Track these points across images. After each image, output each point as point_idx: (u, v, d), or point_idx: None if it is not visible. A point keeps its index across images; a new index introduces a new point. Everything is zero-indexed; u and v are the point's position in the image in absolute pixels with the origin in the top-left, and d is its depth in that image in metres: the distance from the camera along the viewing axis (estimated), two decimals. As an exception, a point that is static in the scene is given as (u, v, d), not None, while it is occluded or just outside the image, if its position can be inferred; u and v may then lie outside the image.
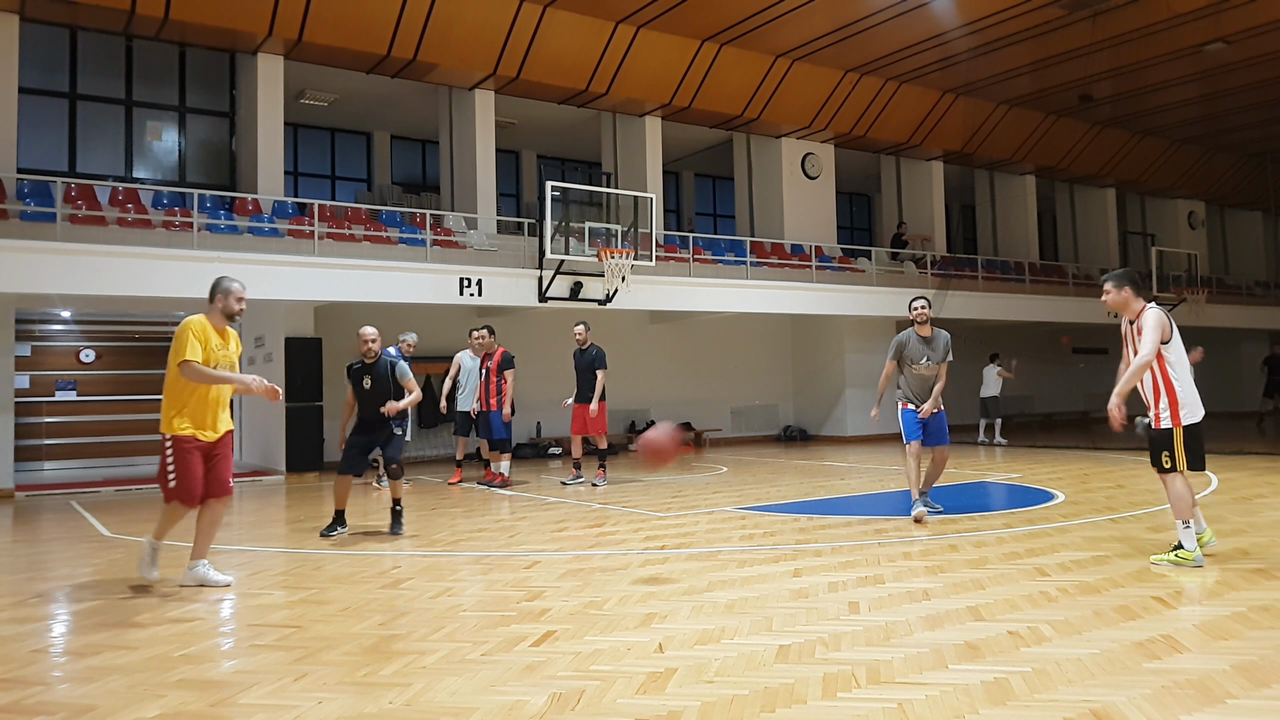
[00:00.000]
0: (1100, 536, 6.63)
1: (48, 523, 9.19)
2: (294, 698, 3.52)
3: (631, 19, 15.39)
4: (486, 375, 11.04)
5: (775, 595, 5.03)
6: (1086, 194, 25.12)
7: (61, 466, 14.96)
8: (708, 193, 23.62)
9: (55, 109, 14.23)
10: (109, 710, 3.42)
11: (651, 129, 17.70)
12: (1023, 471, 11.56)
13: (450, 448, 16.14)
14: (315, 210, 13.23)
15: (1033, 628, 4.22)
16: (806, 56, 17.27)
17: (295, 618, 4.81)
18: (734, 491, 10.20)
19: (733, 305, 16.43)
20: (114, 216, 12.31)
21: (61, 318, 15.90)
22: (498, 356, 11.01)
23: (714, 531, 7.36)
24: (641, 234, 14.52)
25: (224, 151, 15.33)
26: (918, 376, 7.98)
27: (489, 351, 11.12)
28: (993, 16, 15.59)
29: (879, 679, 3.57)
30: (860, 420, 19.05)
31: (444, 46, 14.63)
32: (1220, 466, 11.19)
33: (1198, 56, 17.70)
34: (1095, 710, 3.17)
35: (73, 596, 5.59)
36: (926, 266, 19.63)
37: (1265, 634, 4.04)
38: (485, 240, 15.07)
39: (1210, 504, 8.17)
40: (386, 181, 19.02)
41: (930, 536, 6.81)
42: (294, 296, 12.68)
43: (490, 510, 9.18)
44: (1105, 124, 22.04)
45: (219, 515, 5.78)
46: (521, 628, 4.47)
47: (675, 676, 3.66)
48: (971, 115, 20.15)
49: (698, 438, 18.43)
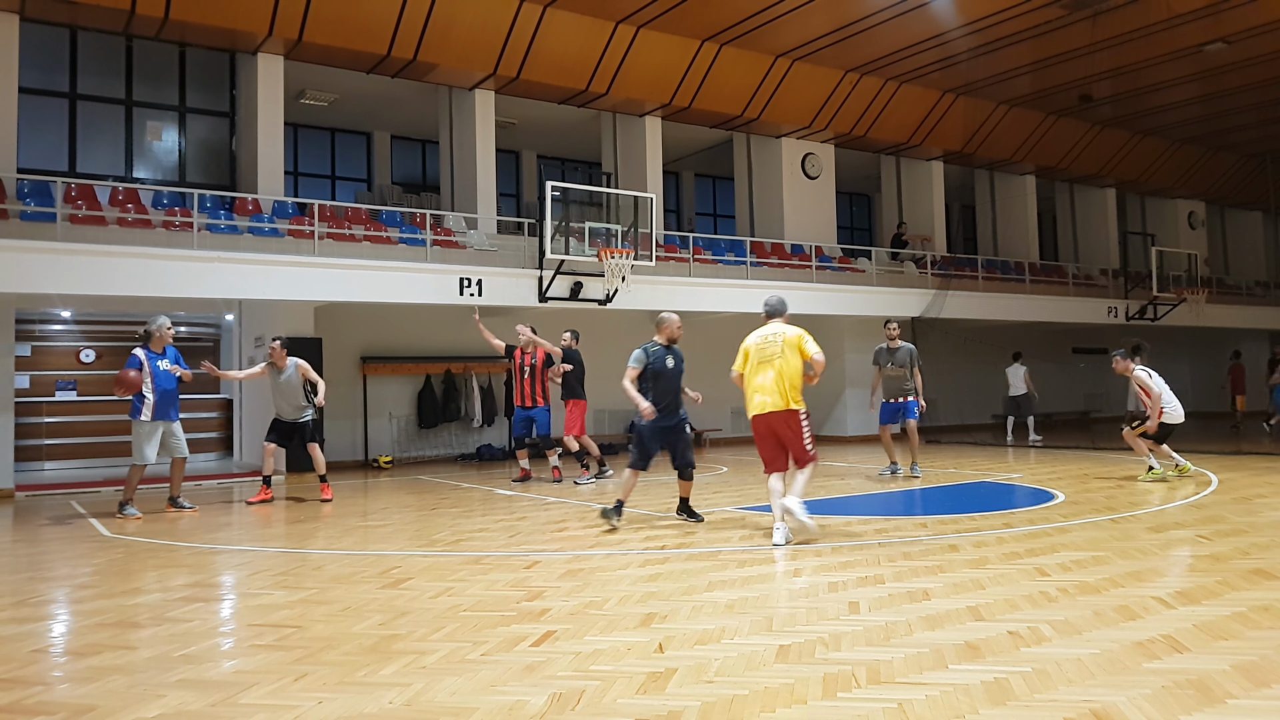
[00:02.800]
0: (1100, 536, 6.63)
1: (48, 523, 9.19)
2: (294, 698, 3.52)
3: (631, 19, 15.40)
4: (531, 373, 11.32)
5: (775, 595, 5.03)
6: (1086, 194, 25.11)
7: (61, 466, 14.95)
8: (708, 193, 23.62)
9: (55, 109, 14.23)
10: (109, 710, 3.42)
11: (651, 129, 17.70)
12: (1023, 471, 11.56)
13: (447, 448, 16.15)
14: (315, 210, 13.24)
15: (1033, 628, 4.22)
16: (806, 56, 17.27)
17: (295, 618, 4.81)
18: (734, 491, 10.20)
19: (733, 305, 16.43)
20: (114, 216, 12.31)
21: (61, 318, 15.90)
22: (540, 355, 11.34)
23: (714, 531, 7.36)
24: (641, 234, 14.53)
25: (224, 151, 15.33)
26: (888, 377, 11.15)
27: (524, 349, 11.42)
28: (993, 16, 15.59)
29: (879, 679, 3.57)
30: (860, 420, 19.05)
31: (444, 46, 14.63)
32: (1220, 466, 11.19)
33: (1198, 56, 17.70)
34: (1095, 710, 3.17)
35: (73, 596, 5.59)
36: (926, 266, 19.63)
37: (1265, 634, 4.04)
38: (485, 240, 15.07)
39: (1210, 504, 8.18)
40: (386, 181, 19.02)
41: (930, 536, 6.81)
42: (294, 296, 12.68)
43: (490, 510, 9.17)
44: (1105, 124, 22.04)
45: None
46: (521, 628, 4.47)
47: (675, 676, 3.66)
48: (971, 115, 20.15)
49: (698, 438, 18.43)
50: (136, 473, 9.28)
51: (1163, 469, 10.19)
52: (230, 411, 16.34)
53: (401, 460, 15.65)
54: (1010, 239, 23.45)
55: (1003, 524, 7.38)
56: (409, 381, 16.00)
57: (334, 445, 15.07)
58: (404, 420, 15.95)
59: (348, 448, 15.44)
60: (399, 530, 8.00)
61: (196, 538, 7.86)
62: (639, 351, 7.65)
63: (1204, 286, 22.26)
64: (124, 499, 9.34)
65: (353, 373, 15.49)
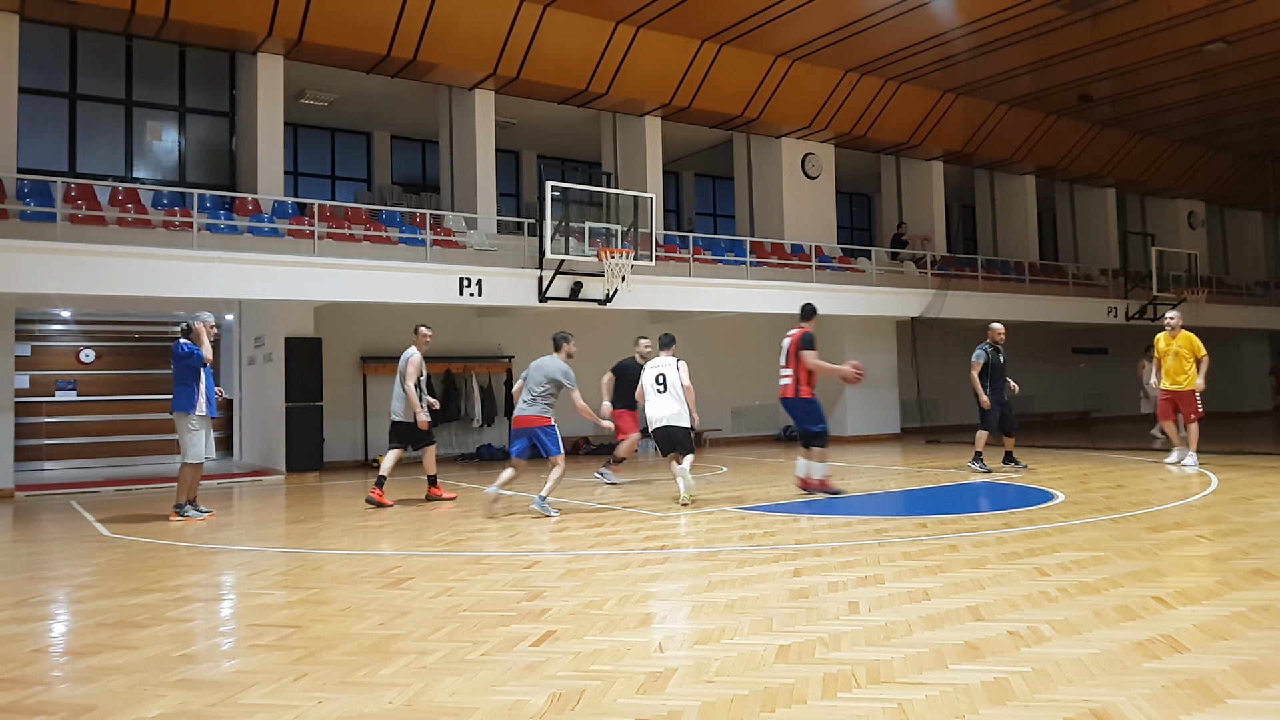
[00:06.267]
0: (1100, 536, 6.63)
1: (48, 523, 9.19)
2: (294, 698, 3.52)
3: (631, 19, 15.40)
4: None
5: (775, 595, 5.03)
6: (1086, 194, 25.12)
7: (61, 466, 14.97)
8: (708, 193, 23.62)
9: (55, 109, 14.23)
10: (109, 710, 3.42)
11: (651, 129, 17.70)
12: (1023, 471, 11.56)
13: (447, 448, 16.15)
14: (315, 210, 13.23)
15: (1033, 628, 4.22)
16: (806, 56, 17.27)
17: (295, 618, 4.81)
18: (734, 491, 10.20)
19: (733, 305, 16.43)
20: (114, 216, 12.31)
21: (61, 318, 15.91)
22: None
23: (714, 531, 7.36)
24: (641, 234, 14.52)
25: (224, 151, 15.33)
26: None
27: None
28: (993, 16, 15.59)
29: (879, 679, 3.57)
30: (860, 420, 19.06)
31: (444, 46, 14.63)
32: (1220, 466, 11.19)
33: (1198, 56, 17.70)
34: (1095, 710, 3.17)
35: (73, 596, 5.59)
36: (926, 266, 19.63)
37: (1265, 634, 4.04)
38: (485, 240, 15.07)
39: (1210, 504, 8.17)
40: (386, 181, 19.03)
41: (930, 536, 6.81)
42: (294, 296, 12.67)
43: (490, 510, 9.17)
44: (1105, 124, 22.05)
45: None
46: (521, 628, 4.47)
47: (675, 676, 3.66)
48: (971, 115, 20.16)
49: (698, 438, 18.43)
50: (195, 471, 8.97)
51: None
52: (230, 411, 16.35)
53: (401, 460, 15.63)
54: (1010, 239, 23.45)
55: (1002, 524, 7.38)
56: (409, 381, 15.99)
57: (334, 445, 15.08)
58: (404, 420, 15.94)
59: (348, 448, 15.44)
60: (399, 530, 7.99)
61: (196, 538, 7.86)
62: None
63: (1204, 286, 22.26)
64: (189, 498, 9.00)
65: (353, 373, 15.49)
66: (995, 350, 11.85)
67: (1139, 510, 7.92)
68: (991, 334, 11.94)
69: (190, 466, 8.95)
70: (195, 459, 8.90)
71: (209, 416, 8.98)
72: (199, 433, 8.88)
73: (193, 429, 8.84)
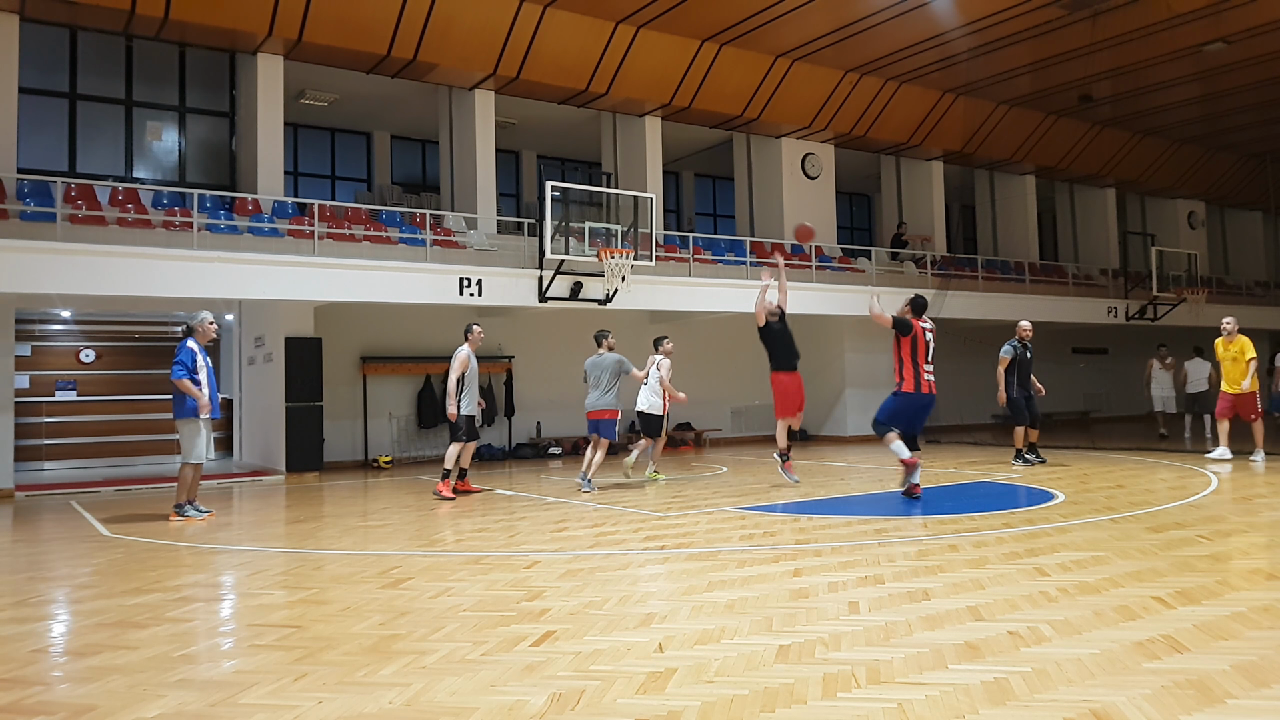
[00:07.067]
0: (1100, 536, 6.63)
1: (48, 523, 9.19)
2: (294, 698, 3.52)
3: (631, 19, 15.40)
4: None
5: (775, 595, 5.03)
6: (1086, 194, 25.12)
7: (61, 466, 14.97)
8: (708, 193, 23.62)
9: (55, 109, 14.23)
10: (109, 710, 3.42)
11: (651, 129, 17.70)
12: (1023, 471, 11.57)
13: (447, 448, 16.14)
14: (315, 210, 13.24)
15: (1033, 628, 4.21)
16: (806, 56, 17.27)
17: (295, 618, 4.81)
18: (734, 491, 10.21)
19: (733, 305, 16.43)
20: (114, 216, 12.31)
21: (61, 318, 15.91)
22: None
23: (714, 531, 7.36)
24: (641, 234, 14.52)
25: (224, 151, 15.33)
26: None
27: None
28: (993, 16, 15.59)
29: (879, 679, 3.57)
30: (860, 420, 19.04)
31: (444, 46, 14.63)
32: (1220, 466, 11.20)
33: (1198, 56, 17.71)
34: (1095, 710, 3.16)
35: (73, 596, 5.59)
36: (926, 266, 19.63)
37: (1265, 634, 4.04)
38: (485, 240, 15.08)
39: (1210, 504, 8.18)
40: (386, 181, 19.03)
41: (930, 536, 6.81)
42: (294, 296, 12.68)
43: (490, 510, 9.18)
44: (1105, 124, 22.05)
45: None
46: (521, 628, 4.47)
47: (675, 676, 3.66)
48: (971, 115, 20.16)
49: (698, 438, 18.44)
50: (195, 471, 8.97)
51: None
52: (230, 411, 16.35)
53: (401, 460, 15.66)
54: (1010, 239, 23.45)
55: (1002, 524, 7.38)
56: (409, 381, 16.01)
57: (334, 445, 15.09)
58: (404, 420, 15.96)
59: (348, 448, 15.45)
60: (399, 530, 8.00)
61: (196, 538, 7.86)
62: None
63: (1204, 286, 22.26)
64: (189, 498, 8.99)
65: (353, 373, 15.50)
66: (1024, 346, 12.30)
67: (1139, 510, 7.92)
68: (1019, 331, 12.47)
69: (191, 466, 8.95)
70: (196, 459, 8.91)
71: (211, 418, 8.98)
72: (200, 433, 8.88)
73: (195, 430, 8.84)
